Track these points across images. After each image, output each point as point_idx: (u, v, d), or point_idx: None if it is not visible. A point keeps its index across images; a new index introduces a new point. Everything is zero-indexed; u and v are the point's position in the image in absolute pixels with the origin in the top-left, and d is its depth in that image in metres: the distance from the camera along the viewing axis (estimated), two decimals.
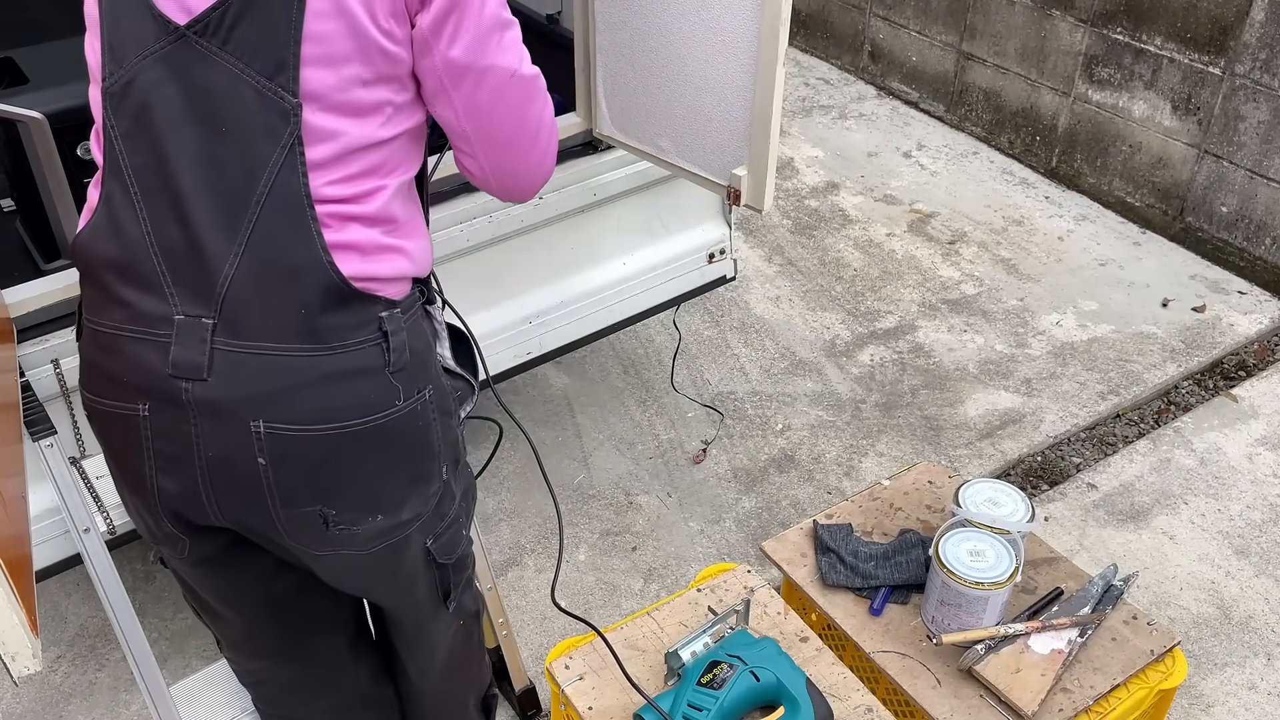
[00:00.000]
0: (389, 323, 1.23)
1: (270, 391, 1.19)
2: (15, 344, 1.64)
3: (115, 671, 2.24)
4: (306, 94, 1.14)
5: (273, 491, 1.23)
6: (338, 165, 1.18)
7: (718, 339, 3.16)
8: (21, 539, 1.27)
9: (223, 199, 1.16)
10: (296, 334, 1.18)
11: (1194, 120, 3.42)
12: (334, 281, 1.18)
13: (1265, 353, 3.12)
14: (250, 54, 1.14)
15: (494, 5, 1.24)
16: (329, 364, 1.20)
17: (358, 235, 1.21)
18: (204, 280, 1.18)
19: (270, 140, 1.15)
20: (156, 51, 1.16)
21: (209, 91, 1.15)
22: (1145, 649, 1.69)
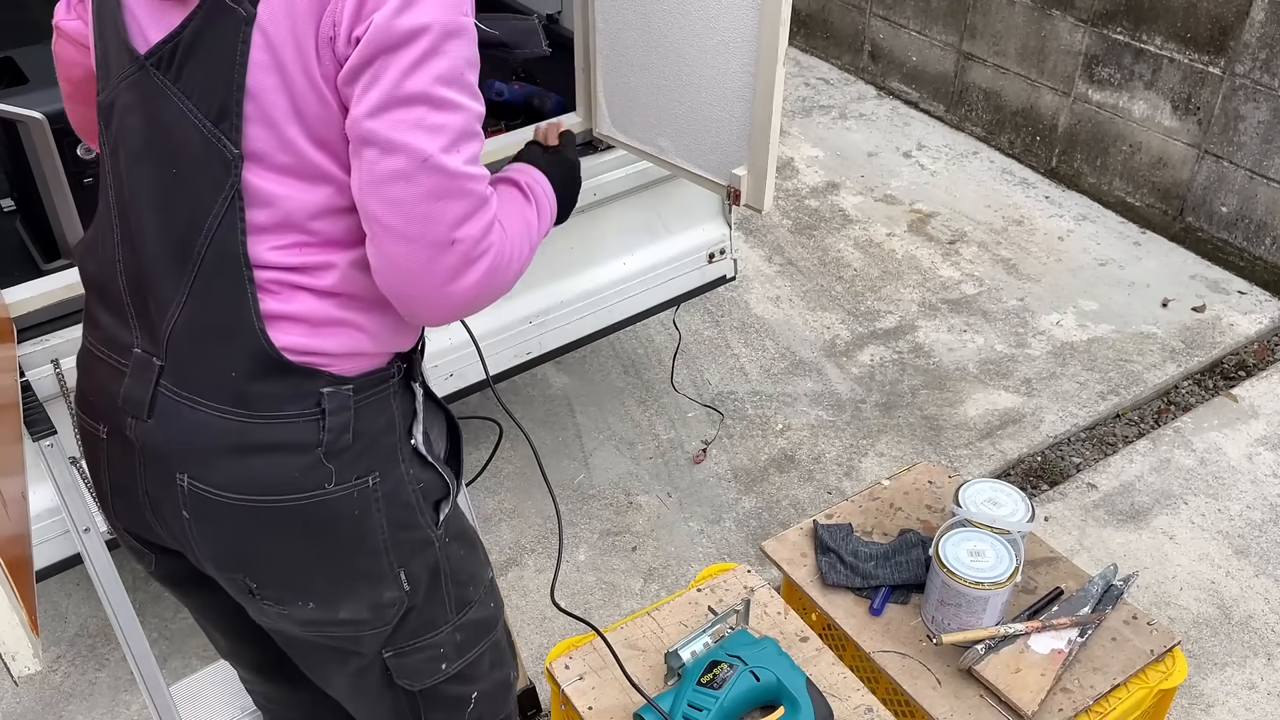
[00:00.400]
0: (330, 400, 1.13)
1: (197, 448, 1.13)
2: (15, 344, 1.64)
3: (115, 671, 2.24)
4: (250, 152, 1.06)
5: (198, 546, 1.19)
6: (284, 231, 1.09)
7: (718, 339, 3.16)
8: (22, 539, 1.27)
9: (172, 242, 1.11)
10: (229, 395, 1.11)
11: (1194, 120, 3.42)
12: (265, 350, 1.10)
13: (1265, 352, 3.12)
14: (199, 94, 1.06)
15: (426, 76, 1.03)
16: (255, 433, 1.12)
17: (306, 307, 1.11)
18: (155, 320, 1.14)
19: (213, 190, 1.08)
20: (128, 77, 1.12)
21: (166, 127, 1.09)
22: (1145, 649, 1.69)
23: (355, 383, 1.14)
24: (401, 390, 1.22)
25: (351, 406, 1.14)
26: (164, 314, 1.12)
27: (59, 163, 1.70)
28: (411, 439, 1.23)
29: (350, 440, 1.15)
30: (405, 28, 1.00)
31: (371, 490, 1.17)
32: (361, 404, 1.15)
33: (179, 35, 1.06)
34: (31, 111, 1.66)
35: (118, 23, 1.11)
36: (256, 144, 1.05)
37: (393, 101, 1.02)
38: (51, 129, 1.68)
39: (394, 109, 1.02)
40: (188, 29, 1.05)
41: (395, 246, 1.06)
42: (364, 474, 1.17)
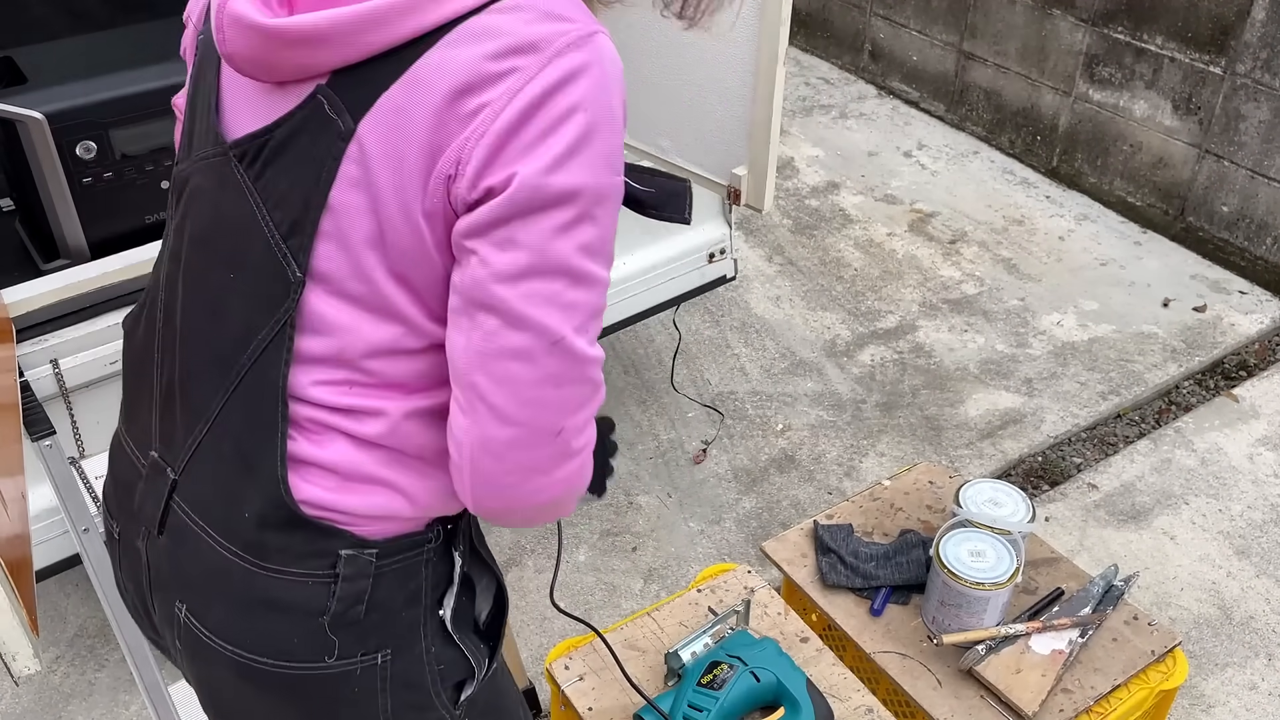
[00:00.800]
0: (348, 564, 0.97)
1: (199, 584, 1.02)
2: (14, 344, 1.64)
3: (114, 672, 2.24)
4: (317, 272, 0.92)
5: (189, 679, 1.10)
6: (336, 366, 0.94)
7: (718, 339, 3.16)
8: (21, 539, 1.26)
9: (213, 355, 0.99)
10: (239, 536, 0.98)
11: (1195, 120, 3.41)
12: (280, 499, 0.95)
13: (1266, 352, 3.12)
14: (275, 201, 0.93)
15: (570, 245, 0.87)
16: (261, 584, 0.98)
17: (340, 456, 0.96)
18: (179, 431, 1.02)
19: (267, 310, 0.94)
20: (209, 159, 0.99)
21: (234, 226, 0.96)
22: (1146, 649, 1.69)
23: (381, 547, 0.99)
24: (439, 557, 1.04)
25: (371, 575, 0.98)
26: (191, 426, 1.00)
27: (58, 163, 1.70)
28: (440, 610, 1.05)
29: (362, 613, 0.99)
30: (556, 189, 0.85)
31: (380, 669, 1.02)
32: (384, 571, 0.99)
33: (270, 134, 0.92)
34: (31, 111, 1.66)
35: (210, 99, 0.99)
36: (326, 264, 0.91)
37: (530, 271, 0.86)
38: (50, 129, 1.67)
39: (530, 279, 0.86)
40: (280, 129, 0.92)
41: (497, 429, 0.90)
42: (373, 651, 1.01)
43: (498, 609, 1.14)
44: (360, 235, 0.90)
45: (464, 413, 0.92)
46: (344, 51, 0.86)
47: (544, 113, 0.84)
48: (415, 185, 0.87)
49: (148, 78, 1.77)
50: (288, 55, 0.88)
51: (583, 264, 0.88)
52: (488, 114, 0.84)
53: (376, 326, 0.93)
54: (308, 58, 0.87)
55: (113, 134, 1.74)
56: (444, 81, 0.85)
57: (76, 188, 1.73)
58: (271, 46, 0.87)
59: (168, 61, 1.79)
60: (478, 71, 0.84)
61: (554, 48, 0.85)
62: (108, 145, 1.74)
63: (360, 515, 0.98)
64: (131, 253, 1.76)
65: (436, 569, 1.04)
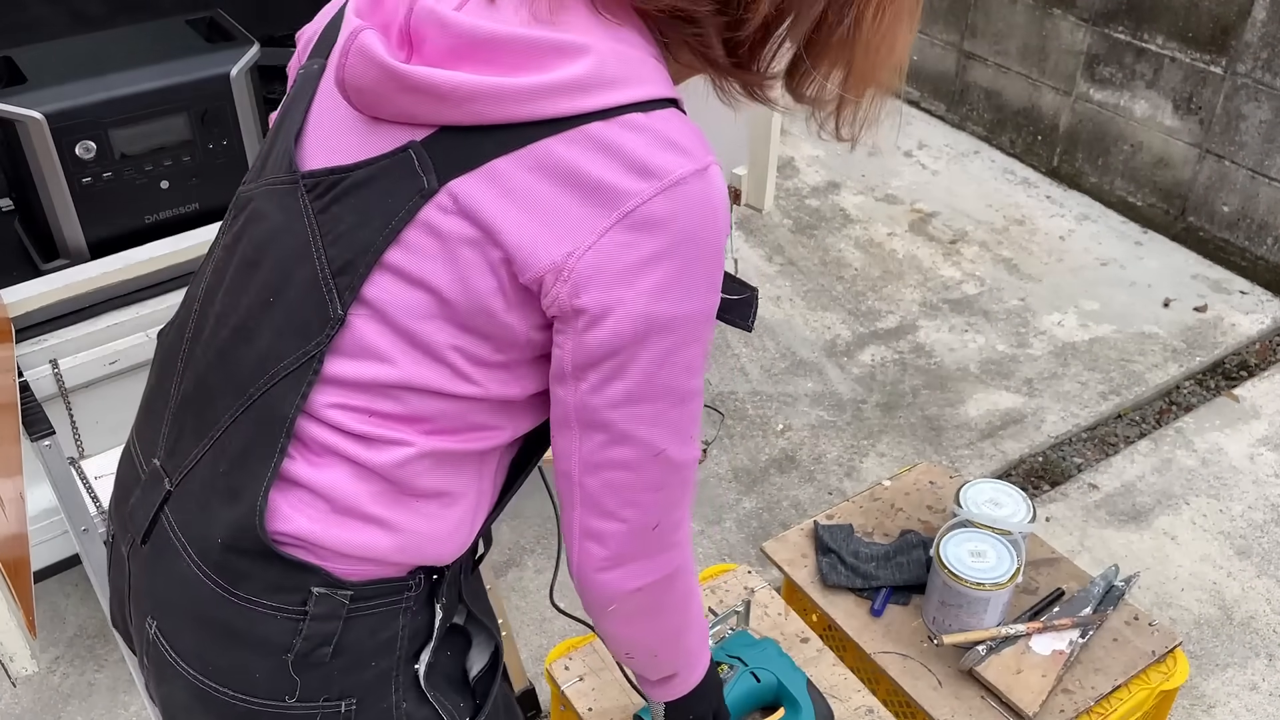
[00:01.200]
0: (319, 603, 0.95)
1: (170, 601, 1.00)
2: (14, 344, 1.64)
3: (114, 672, 2.24)
4: (367, 298, 0.91)
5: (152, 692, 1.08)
6: (361, 393, 0.93)
7: (718, 339, 3.16)
8: (20, 539, 1.26)
9: (232, 375, 0.97)
10: (214, 560, 0.96)
11: (1195, 120, 3.41)
12: (253, 528, 0.93)
13: (1267, 352, 3.11)
14: (333, 237, 0.92)
15: (675, 368, 0.90)
16: (229, 612, 0.96)
17: (334, 483, 0.94)
18: (186, 441, 1.01)
19: (297, 341, 0.93)
20: (276, 184, 0.98)
21: (284, 254, 0.95)
22: (1146, 649, 1.68)
23: (356, 590, 0.96)
24: (419, 607, 1.02)
25: (342, 616, 0.96)
26: (197, 441, 0.99)
27: (58, 163, 1.70)
28: (415, 664, 1.02)
29: (328, 655, 0.96)
30: (664, 318, 0.87)
31: (342, 716, 0.98)
32: (357, 615, 0.97)
33: (348, 173, 0.92)
34: (30, 111, 1.66)
35: (295, 129, 0.99)
36: (383, 294, 0.90)
37: (637, 397, 0.90)
38: (50, 129, 1.67)
39: (637, 404, 0.90)
40: (360, 170, 0.91)
41: (600, 522, 0.97)
42: (336, 698, 0.98)
43: (491, 669, 1.12)
44: (426, 280, 0.89)
45: (569, 506, 0.98)
46: (454, 113, 0.86)
47: (650, 239, 0.85)
48: (513, 257, 0.86)
49: (148, 78, 1.77)
50: (401, 98, 0.88)
51: (685, 383, 0.92)
52: (596, 227, 0.84)
53: (419, 365, 0.92)
54: (418, 106, 0.87)
55: (112, 134, 1.74)
56: (558, 178, 0.85)
57: (76, 188, 1.73)
58: (390, 87, 0.88)
59: (168, 61, 1.79)
60: (592, 182, 0.84)
61: (670, 178, 0.84)
62: (107, 145, 1.73)
63: (340, 553, 0.96)
64: (131, 253, 1.76)
65: (415, 619, 1.02)
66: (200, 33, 1.89)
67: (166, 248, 1.77)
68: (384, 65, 0.86)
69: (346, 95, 0.91)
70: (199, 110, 1.79)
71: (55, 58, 1.80)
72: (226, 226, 1.04)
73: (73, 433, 1.72)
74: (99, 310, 1.72)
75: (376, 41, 0.87)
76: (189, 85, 1.78)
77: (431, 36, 0.87)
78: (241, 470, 0.95)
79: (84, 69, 1.75)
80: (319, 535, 0.95)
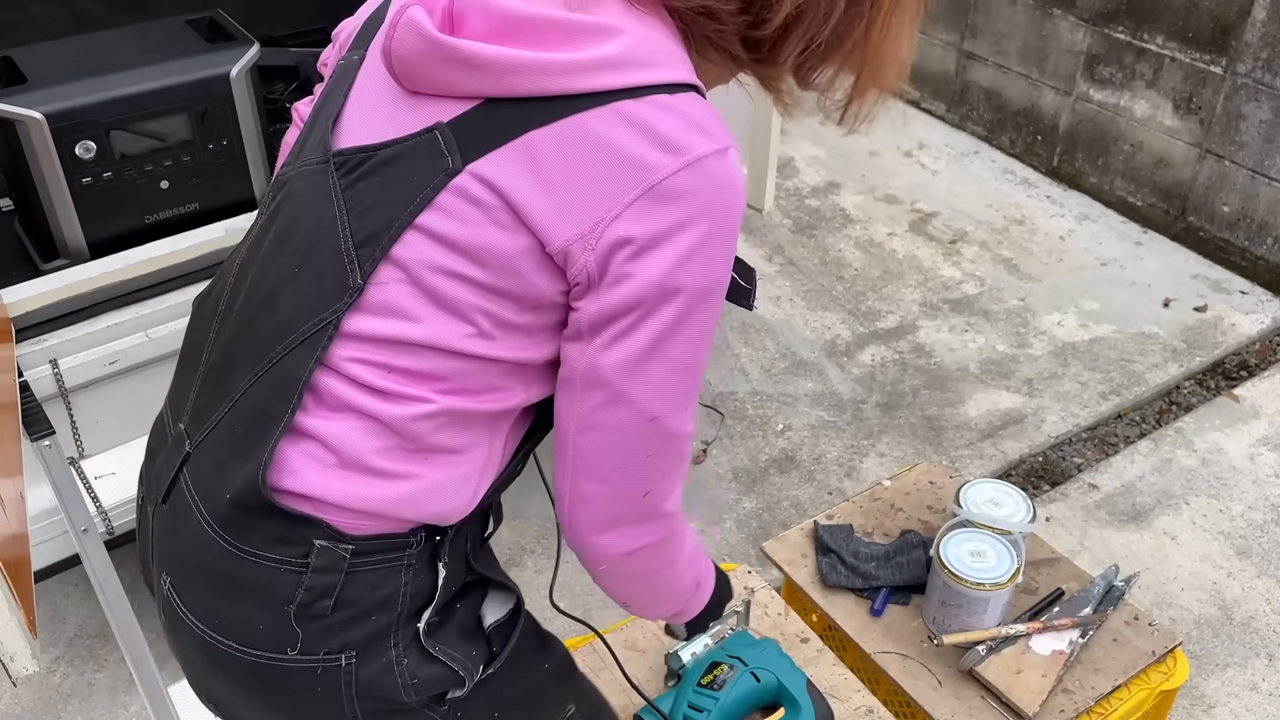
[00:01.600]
0: (320, 555, 0.97)
1: (182, 558, 1.04)
2: (14, 344, 1.63)
3: (114, 672, 2.24)
4: (395, 258, 0.94)
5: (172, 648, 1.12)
6: (383, 348, 0.96)
7: (718, 339, 3.16)
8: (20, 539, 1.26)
9: (256, 341, 1.00)
10: (215, 509, 1.00)
11: (1195, 120, 3.41)
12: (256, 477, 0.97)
13: (1267, 352, 3.11)
14: (358, 211, 0.96)
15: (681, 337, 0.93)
16: (234, 565, 0.99)
17: (345, 435, 0.97)
18: (209, 404, 1.04)
19: (315, 309, 0.96)
20: (311, 165, 1.02)
21: (313, 229, 0.99)
22: (1146, 650, 1.68)
23: (357, 544, 0.99)
24: (422, 566, 1.04)
25: (343, 570, 0.98)
26: (218, 405, 1.02)
27: (58, 163, 1.70)
28: (417, 622, 1.03)
29: (329, 608, 0.99)
30: (674, 286, 0.91)
31: (342, 671, 1.01)
32: (357, 570, 0.99)
33: (376, 151, 0.96)
34: (30, 111, 1.66)
35: (333, 113, 1.03)
36: (411, 252, 0.93)
37: (641, 360, 0.93)
38: (50, 129, 1.67)
39: (638, 367, 0.93)
40: (387, 149, 0.96)
41: (590, 484, 1.00)
42: (336, 651, 1.00)
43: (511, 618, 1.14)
44: (458, 241, 0.93)
45: (562, 467, 1.01)
46: (493, 85, 0.91)
47: (670, 211, 0.89)
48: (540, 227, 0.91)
49: (148, 78, 1.76)
50: (443, 70, 0.93)
51: (689, 354, 0.95)
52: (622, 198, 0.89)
53: (443, 323, 0.95)
54: (459, 77, 0.92)
55: (112, 134, 1.74)
56: (589, 150, 0.89)
57: (76, 188, 1.73)
58: (433, 58, 0.92)
59: (168, 61, 1.79)
60: (621, 154, 0.89)
61: (693, 155, 0.89)
62: (107, 145, 1.73)
63: (343, 506, 0.98)
64: (131, 253, 1.76)
65: (418, 579, 1.03)
66: (200, 33, 1.89)
67: (166, 248, 1.77)
68: (430, 37, 0.91)
69: (390, 66, 0.96)
70: (199, 110, 1.79)
71: (55, 58, 1.80)
72: (264, 207, 1.10)
73: (73, 433, 1.72)
74: (99, 310, 1.72)
75: (424, 16, 0.92)
76: (189, 85, 1.78)
77: (474, 18, 0.92)
78: (255, 431, 0.98)
79: (84, 69, 1.75)
80: (324, 487, 0.97)
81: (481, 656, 1.10)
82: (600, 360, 0.94)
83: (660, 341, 0.93)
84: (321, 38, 2.54)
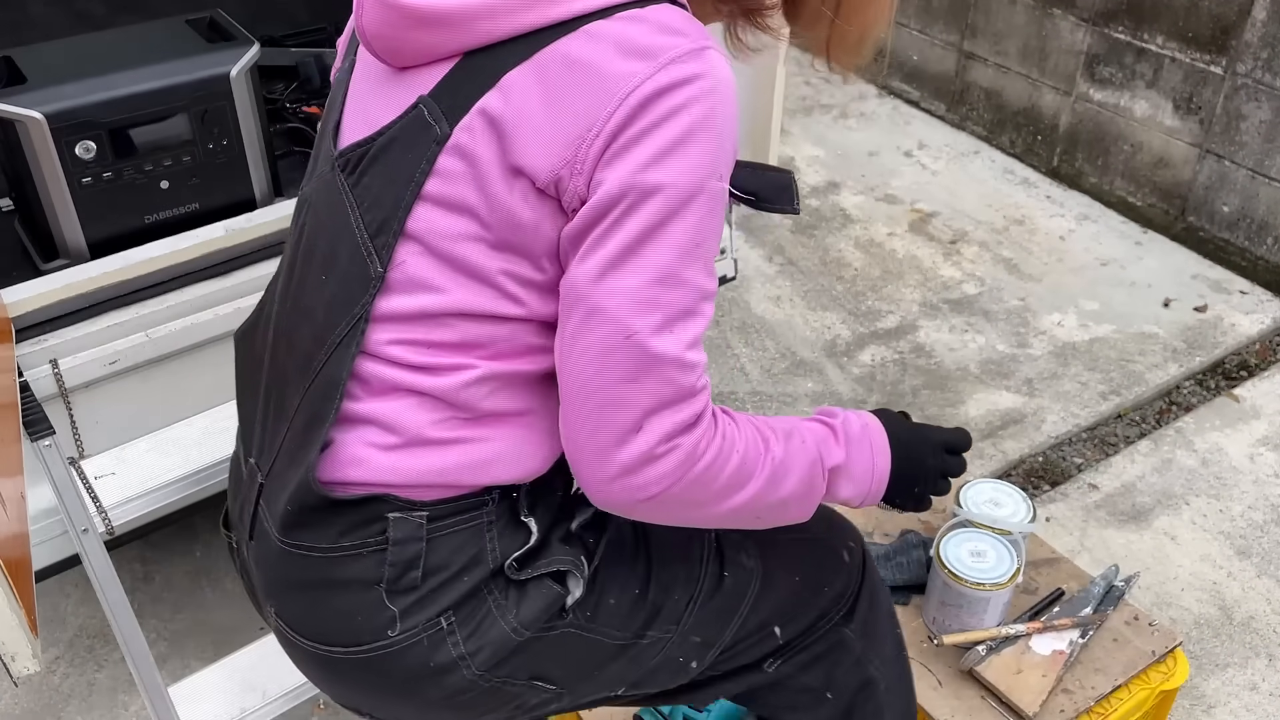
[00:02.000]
0: (396, 527, 0.98)
1: (276, 583, 1.05)
2: (14, 344, 1.64)
3: (114, 672, 2.24)
4: (409, 232, 0.94)
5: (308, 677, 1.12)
6: (417, 325, 0.96)
7: (718, 339, 3.16)
8: (21, 539, 1.26)
9: (300, 357, 1.01)
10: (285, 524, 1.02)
11: (1196, 120, 3.41)
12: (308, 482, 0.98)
13: (1267, 353, 3.11)
14: (368, 203, 0.96)
15: (657, 243, 0.88)
16: (318, 569, 1.00)
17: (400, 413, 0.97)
18: (272, 435, 1.05)
19: (344, 309, 0.97)
20: (322, 174, 1.04)
21: (331, 233, 1.00)
22: (1147, 649, 1.68)
23: (430, 509, 0.99)
24: (505, 522, 1.03)
25: (424, 538, 0.98)
26: (279, 428, 1.03)
27: (58, 163, 1.70)
28: (505, 570, 1.03)
29: (419, 579, 0.99)
30: (648, 184, 0.87)
31: (447, 634, 1.01)
32: (438, 536, 0.99)
33: (371, 142, 0.97)
34: (30, 111, 1.66)
35: (332, 120, 1.05)
36: (423, 224, 0.93)
37: (611, 266, 0.88)
38: (50, 129, 1.67)
39: (610, 274, 0.88)
40: (381, 137, 0.97)
41: (578, 418, 0.92)
42: (435, 616, 1.00)
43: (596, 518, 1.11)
44: (462, 202, 0.93)
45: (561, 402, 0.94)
46: (465, 36, 0.91)
47: (646, 114, 0.88)
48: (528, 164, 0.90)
49: (148, 78, 1.76)
50: (416, 35, 0.93)
51: (672, 263, 0.88)
52: (600, 114, 0.88)
53: (467, 289, 0.95)
54: (434, 38, 0.92)
55: (112, 134, 1.73)
56: (564, 76, 0.89)
57: (76, 188, 1.73)
58: (404, 24, 0.93)
59: (168, 61, 1.79)
60: (596, 72, 0.88)
61: (666, 56, 0.88)
62: (107, 145, 1.73)
63: (409, 483, 0.98)
64: (131, 253, 1.76)
65: (504, 536, 1.02)
66: (200, 33, 1.89)
67: (166, 248, 1.77)
68: (394, 5, 0.92)
69: (369, 46, 0.97)
70: (199, 110, 1.79)
71: (55, 58, 1.80)
72: (290, 228, 1.10)
73: (73, 433, 1.72)
74: (99, 310, 1.72)
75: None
76: (189, 85, 1.78)
77: None
78: (306, 435, 1.00)
79: (84, 69, 1.75)
80: (390, 468, 0.97)
81: (580, 552, 1.07)
82: (575, 274, 0.89)
83: (635, 246, 0.87)
84: (321, 38, 2.55)
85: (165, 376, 1.81)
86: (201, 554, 2.49)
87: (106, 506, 1.58)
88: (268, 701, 1.78)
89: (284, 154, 2.08)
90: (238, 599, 2.39)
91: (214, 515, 2.59)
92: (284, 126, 2.17)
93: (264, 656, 1.84)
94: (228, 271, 1.81)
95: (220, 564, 2.47)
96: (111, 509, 1.59)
